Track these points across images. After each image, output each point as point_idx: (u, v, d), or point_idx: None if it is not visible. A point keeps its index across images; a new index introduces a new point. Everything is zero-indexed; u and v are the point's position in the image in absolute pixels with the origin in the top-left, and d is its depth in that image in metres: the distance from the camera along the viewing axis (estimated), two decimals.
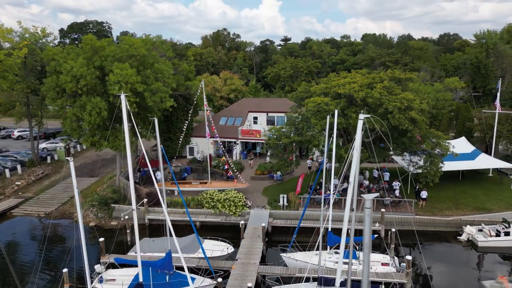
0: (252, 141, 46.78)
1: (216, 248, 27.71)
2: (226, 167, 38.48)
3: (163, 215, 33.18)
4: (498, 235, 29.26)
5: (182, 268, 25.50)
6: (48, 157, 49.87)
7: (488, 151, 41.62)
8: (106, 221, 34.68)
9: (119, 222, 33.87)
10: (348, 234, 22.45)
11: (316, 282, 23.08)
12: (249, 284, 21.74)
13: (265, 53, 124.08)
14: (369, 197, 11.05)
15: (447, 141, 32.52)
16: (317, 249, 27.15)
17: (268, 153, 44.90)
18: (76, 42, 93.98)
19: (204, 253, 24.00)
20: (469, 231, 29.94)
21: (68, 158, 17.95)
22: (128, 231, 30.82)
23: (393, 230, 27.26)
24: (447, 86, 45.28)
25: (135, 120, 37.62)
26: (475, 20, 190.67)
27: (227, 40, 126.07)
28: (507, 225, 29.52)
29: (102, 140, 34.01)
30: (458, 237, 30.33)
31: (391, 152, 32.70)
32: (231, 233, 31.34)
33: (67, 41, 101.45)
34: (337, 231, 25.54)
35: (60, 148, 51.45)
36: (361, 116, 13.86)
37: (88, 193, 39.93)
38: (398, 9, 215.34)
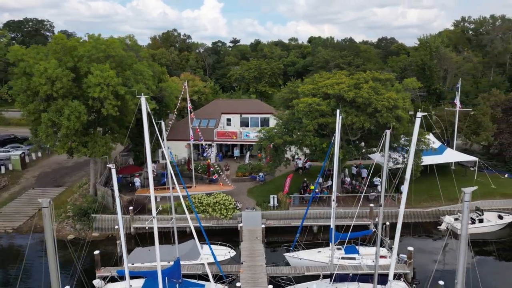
0: (229, 143, 46.41)
1: (217, 252, 27.09)
2: (211, 169, 37.80)
3: (149, 223, 32.07)
4: (473, 222, 31.87)
5: (188, 276, 24.86)
6: (2, 167, 45.44)
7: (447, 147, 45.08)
8: (87, 233, 32.43)
9: (105, 233, 32.00)
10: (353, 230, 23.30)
11: (327, 279, 23.57)
12: (271, 287, 21.62)
13: (217, 54, 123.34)
14: (468, 191, 11.77)
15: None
16: (319, 247, 27.84)
17: (247, 154, 44.89)
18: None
19: (214, 257, 23.44)
20: (448, 220, 32.27)
21: (110, 165, 16.73)
22: (117, 241, 29.04)
23: (387, 223, 28.60)
24: (406, 86, 48.15)
25: (112, 125, 36.18)
26: (404, 25, 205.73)
27: (178, 41, 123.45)
28: (480, 213, 32.30)
29: (80, 146, 31.79)
30: (438, 227, 32.55)
31: (374, 149, 34.19)
32: (225, 237, 30.87)
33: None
34: (338, 228, 26.38)
35: (15, 157, 47.11)
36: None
37: (58, 204, 37.15)
38: (335, 14, 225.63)
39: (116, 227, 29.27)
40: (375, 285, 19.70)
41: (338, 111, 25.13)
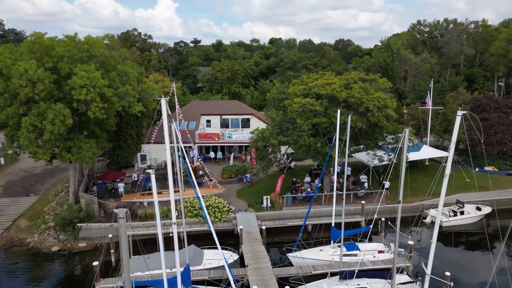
0: (211, 145, 45.73)
1: (219, 256, 26.58)
2: (201, 173, 36.98)
3: (140, 230, 30.92)
4: (455, 214, 33.72)
5: (196, 282, 24.19)
6: None
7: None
8: (72, 244, 30.59)
9: (91, 243, 30.33)
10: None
11: (335, 277, 23.91)
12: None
13: (179, 55, 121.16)
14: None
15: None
16: (318, 246, 28.18)
17: (231, 156, 44.48)
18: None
19: (226, 262, 22.94)
20: (433, 214, 33.90)
21: (149, 171, 15.89)
22: (112, 250, 27.69)
23: (383, 219, 29.53)
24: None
25: (93, 128, 34.44)
26: (356, 27, 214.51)
27: (138, 41, 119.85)
28: (461, 206, 34.23)
29: (63, 152, 29.92)
30: (423, 220, 34.05)
31: (361, 147, 35.10)
32: (221, 240, 30.26)
33: None
34: (338, 226, 26.90)
35: None
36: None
37: (34, 215, 34.82)
38: (290, 15, 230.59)
39: (111, 235, 27.99)
40: (394, 279, 20.20)
41: (338, 111, 25.64)
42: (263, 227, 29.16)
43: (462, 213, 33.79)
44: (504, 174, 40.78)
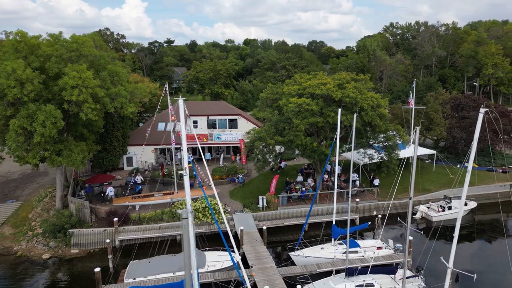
0: (200, 146, 45.01)
1: (222, 258, 26.35)
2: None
3: (135, 234, 30.14)
4: (443, 209, 34.92)
5: (203, 285, 23.81)
6: None
7: None
8: (64, 250, 29.36)
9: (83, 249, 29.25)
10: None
11: (340, 274, 24.20)
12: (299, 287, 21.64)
13: (154, 55, 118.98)
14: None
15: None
16: (321, 243, 28.44)
17: (221, 157, 44.11)
18: None
19: (234, 263, 22.72)
20: (423, 209, 34.99)
21: (182, 172, 15.47)
22: (110, 256, 26.76)
23: (379, 216, 30.15)
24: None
25: (81, 130, 33.31)
26: (326, 29, 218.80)
27: (111, 40, 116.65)
28: (448, 201, 35.49)
29: (54, 155, 28.70)
30: (413, 216, 35.05)
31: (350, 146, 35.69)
32: (219, 242, 30.01)
33: None
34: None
35: None
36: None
37: (19, 222, 33.25)
38: (261, 16, 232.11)
39: (108, 240, 27.06)
40: (405, 272, 20.63)
41: (339, 110, 25.97)
42: (264, 227, 29.09)
43: (450, 208, 35.03)
44: (484, 170, 42.61)
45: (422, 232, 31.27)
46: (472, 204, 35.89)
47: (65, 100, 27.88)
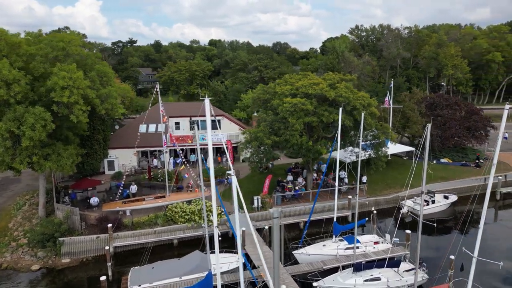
0: (185, 147, 44.23)
1: (226, 260, 26.05)
2: (186, 175, 35.62)
3: (131, 239, 29.09)
4: (428, 204, 36.52)
5: None
6: None
7: None
8: (54, 260, 27.74)
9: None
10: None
11: (347, 269, 24.69)
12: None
13: (118, 55, 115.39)
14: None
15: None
16: (320, 240, 28.83)
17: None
18: None
19: (247, 264, 22.52)
20: (409, 204, 36.38)
21: (230, 172, 15.01)
22: (108, 264, 25.60)
23: (375, 212, 31.03)
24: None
25: (66, 133, 31.76)
26: (286, 31, 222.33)
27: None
28: (432, 195, 37.17)
29: (42, 160, 27.06)
30: (400, 210, 36.36)
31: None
32: (220, 244, 29.64)
33: None
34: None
35: None
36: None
37: None
38: (221, 17, 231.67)
39: (107, 247, 25.89)
40: (417, 266, 21.33)
41: (340, 109, 26.48)
42: (266, 227, 29.04)
43: (433, 202, 36.71)
44: (458, 165, 45.03)
45: (408, 226, 32.66)
46: (453, 198, 37.81)
47: (54, 102, 26.39)
